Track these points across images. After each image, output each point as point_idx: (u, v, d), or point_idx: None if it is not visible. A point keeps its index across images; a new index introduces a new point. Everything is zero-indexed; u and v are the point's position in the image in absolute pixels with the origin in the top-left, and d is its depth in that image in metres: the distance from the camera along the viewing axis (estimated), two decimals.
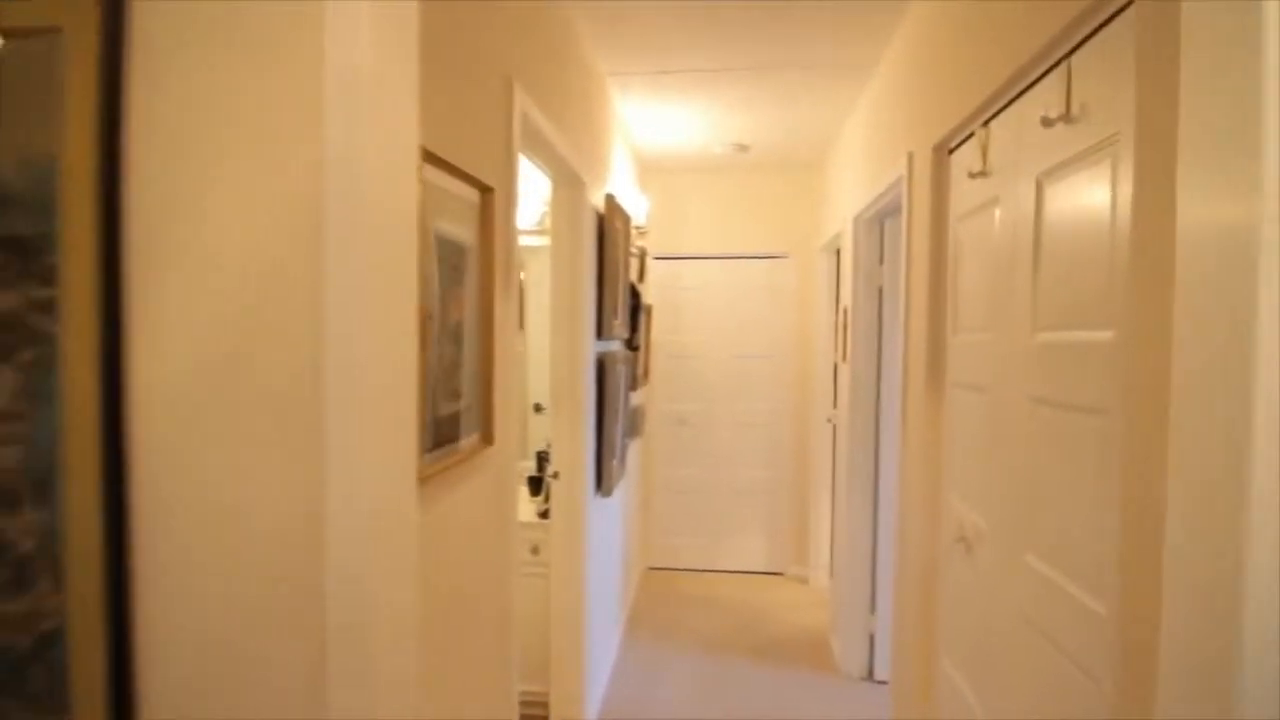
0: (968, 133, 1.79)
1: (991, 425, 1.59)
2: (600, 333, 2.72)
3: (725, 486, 4.54)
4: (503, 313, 1.56)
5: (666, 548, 4.59)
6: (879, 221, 3.03)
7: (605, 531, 3.01)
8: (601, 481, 2.73)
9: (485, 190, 1.40)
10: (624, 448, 3.23)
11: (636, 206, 3.30)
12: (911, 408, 2.17)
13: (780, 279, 4.44)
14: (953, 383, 1.88)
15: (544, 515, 2.68)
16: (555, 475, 2.43)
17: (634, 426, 3.86)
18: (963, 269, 1.83)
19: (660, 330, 4.49)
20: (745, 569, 4.53)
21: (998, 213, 1.59)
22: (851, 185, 3.25)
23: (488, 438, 1.42)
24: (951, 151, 1.94)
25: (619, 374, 2.96)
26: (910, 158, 2.21)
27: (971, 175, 1.70)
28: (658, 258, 4.48)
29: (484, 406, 1.41)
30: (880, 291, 3.06)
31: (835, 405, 4.23)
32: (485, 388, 1.41)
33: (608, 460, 2.72)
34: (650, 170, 4.35)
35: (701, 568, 4.56)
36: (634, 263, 3.80)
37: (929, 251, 2.01)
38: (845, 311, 3.27)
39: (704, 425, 4.54)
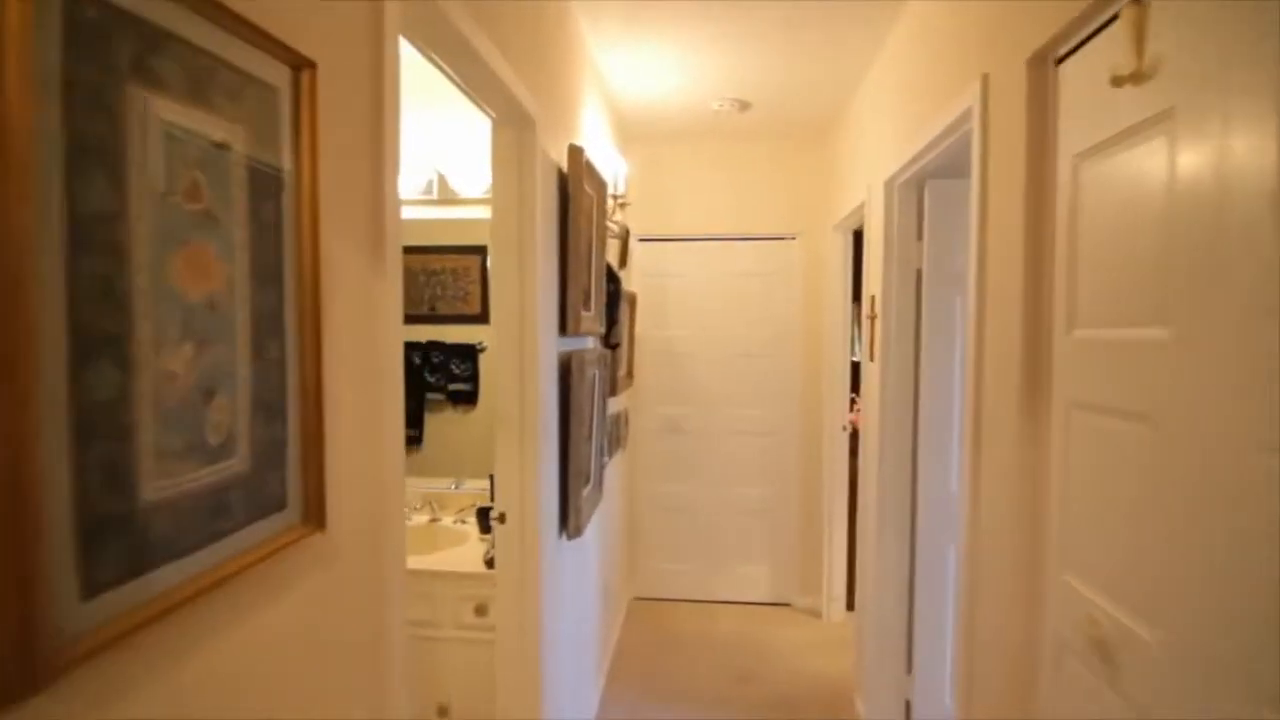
0: (1100, 20, 1.18)
1: (1164, 474, 0.98)
2: (564, 328, 2.10)
3: (723, 504, 3.93)
4: (358, 295, 0.93)
5: (656, 575, 3.98)
6: (916, 187, 2.41)
7: (576, 579, 2.39)
8: (567, 520, 2.11)
9: (301, 66, 0.77)
10: (600, 468, 2.61)
11: (614, 170, 2.68)
12: (989, 435, 1.55)
13: (786, 264, 3.82)
14: (1072, 402, 1.26)
15: (493, 564, 2.06)
16: (500, 519, 1.81)
17: (615, 439, 3.24)
18: (1091, 229, 1.21)
19: (647, 324, 3.87)
20: (747, 599, 3.93)
21: (1176, 137, 0.97)
22: (880, 143, 2.63)
23: (314, 517, 0.79)
24: (1061, 60, 1.32)
25: (591, 379, 2.34)
26: (985, 81, 1.58)
27: (1116, 81, 1.08)
28: (643, 239, 3.85)
29: (306, 462, 0.78)
30: (919, 275, 2.44)
31: (855, 410, 3.63)
32: (308, 429, 0.78)
33: (576, 491, 2.11)
34: (633, 136, 3.71)
35: (696, 598, 3.95)
36: (614, 245, 3.18)
37: (1022, 209, 1.39)
38: (872, 300, 2.65)
39: (698, 434, 3.92)
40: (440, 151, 2.58)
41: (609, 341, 2.77)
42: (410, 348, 2.66)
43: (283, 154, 0.75)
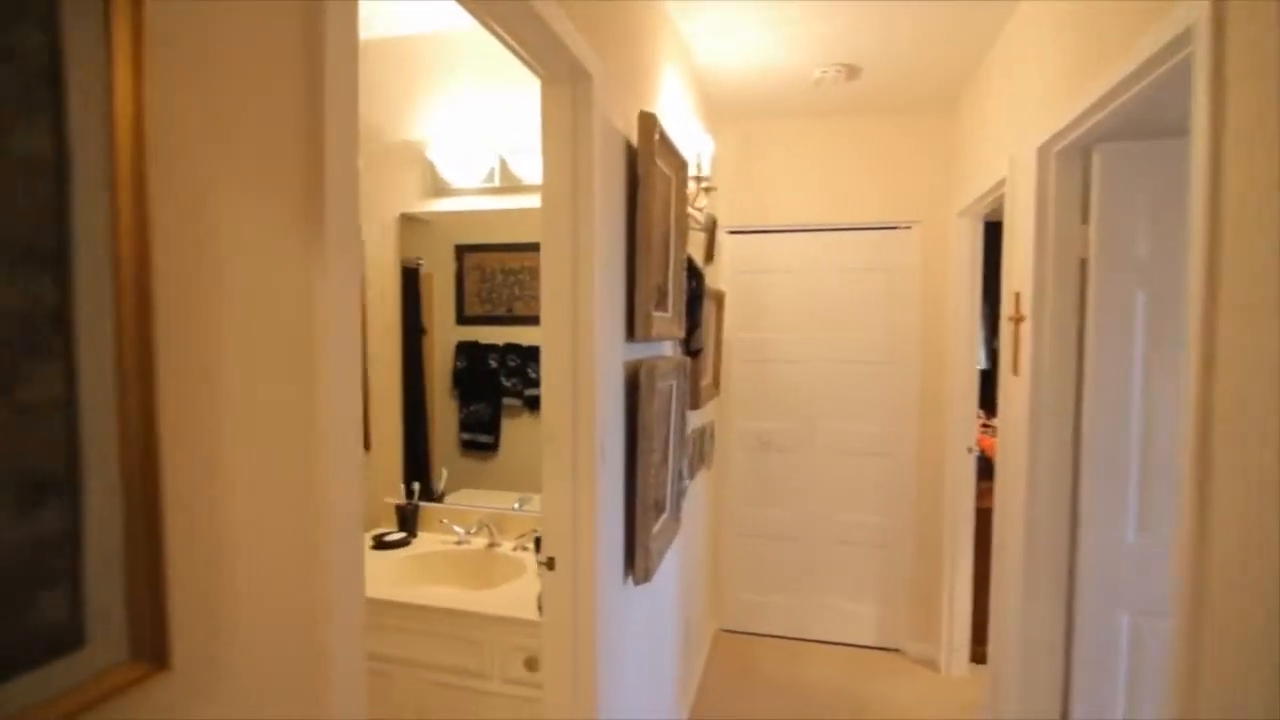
0: None
1: None
2: (632, 331, 1.76)
3: (822, 532, 3.46)
4: (276, 292, 0.63)
5: (744, 607, 3.57)
6: (1082, 154, 1.90)
7: (646, 625, 2.05)
8: (634, 563, 1.77)
9: None
10: (679, 494, 2.25)
11: (697, 148, 2.31)
12: (1228, 483, 1.07)
13: (900, 256, 3.31)
14: None
15: None
16: (549, 564, 1.49)
17: (698, 457, 2.87)
18: None
19: (736, 326, 3.47)
20: (848, 641, 3.44)
21: None
22: (1028, 103, 2.12)
23: (147, 650, 0.48)
24: None
25: (666, 392, 1.98)
26: None
27: None
28: (733, 231, 3.45)
29: (131, 564, 0.47)
30: (1083, 265, 1.92)
31: (984, 429, 3.09)
32: (133, 510, 0.47)
33: (645, 527, 1.76)
34: (721, 116, 3.33)
35: (789, 635, 3.51)
36: (698, 238, 2.81)
37: None
38: (1016, 298, 2.14)
39: (795, 451, 3.48)
40: (501, 136, 2.31)
41: (689, 347, 2.41)
42: (487, 350, 2.43)
43: (74, 37, 0.44)
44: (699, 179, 2.29)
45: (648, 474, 1.75)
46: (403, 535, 2.33)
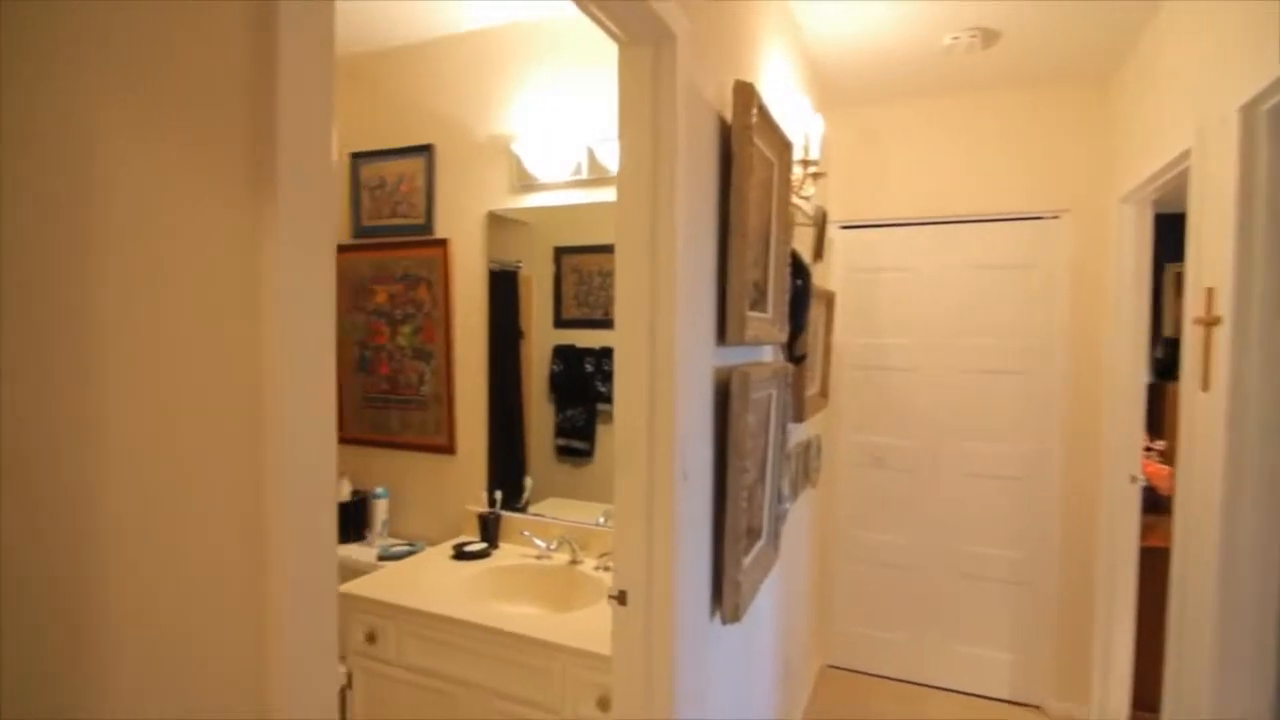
0: None
1: None
2: (723, 334, 1.54)
3: (945, 564, 3.06)
4: (193, 266, 0.47)
5: (852, 641, 3.23)
6: None
7: (736, 666, 1.81)
8: (721, 599, 1.54)
9: None
10: (778, 518, 1.99)
11: (804, 128, 2.05)
12: None
13: (1046, 251, 2.87)
14: None
15: None
16: (620, 598, 1.30)
17: (802, 474, 2.59)
18: None
19: (848, 330, 3.15)
20: (976, 691, 3.02)
21: None
22: (1221, 57, 1.70)
23: None
24: None
25: (764, 403, 1.75)
26: None
27: None
28: (845, 226, 3.14)
29: None
30: None
31: (1152, 450, 2.62)
32: None
33: (735, 559, 1.53)
34: (835, 98, 3.03)
35: (905, 677, 3.13)
36: (805, 233, 2.54)
37: None
38: (1208, 296, 1.73)
39: (914, 471, 3.10)
40: (588, 125, 2.17)
41: (793, 353, 2.15)
42: (583, 354, 2.31)
43: None
44: (806, 163, 2.03)
45: (739, 496, 1.52)
46: (483, 546, 2.23)
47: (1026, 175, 2.86)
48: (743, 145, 1.51)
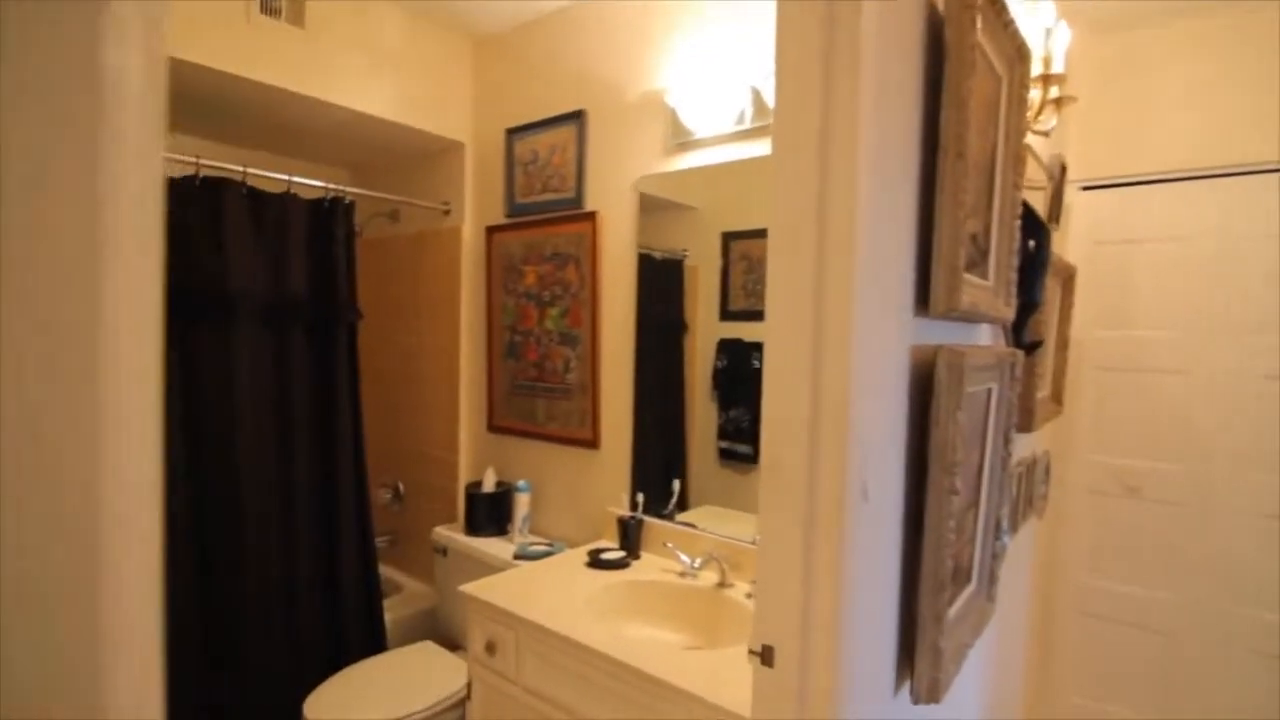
0: None
1: None
2: (926, 300, 1.11)
3: (1219, 630, 2.28)
4: None
5: (1075, 714, 2.53)
6: None
7: None
8: (914, 668, 1.11)
9: None
10: (994, 558, 1.50)
11: (1045, 35, 1.53)
12: None
13: None
14: None
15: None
16: (763, 657, 0.94)
17: (1025, 500, 2.02)
18: None
19: (1091, 320, 2.47)
20: None
21: None
22: None
23: None
24: None
25: (981, 400, 1.29)
26: None
27: None
28: (1088, 187, 2.47)
29: None
30: None
31: None
32: None
33: (934, 613, 1.09)
34: (1077, 22, 2.37)
35: None
36: (1034, 197, 1.98)
37: None
38: None
39: (1180, 505, 2.35)
40: (752, 61, 1.82)
41: (1022, 338, 1.63)
42: (751, 348, 1.98)
43: None
44: (1047, 80, 1.51)
45: (944, 525, 1.09)
46: (621, 555, 1.96)
47: None
48: (963, 33, 1.08)
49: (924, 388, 1.11)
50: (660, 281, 2.10)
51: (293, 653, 2.23)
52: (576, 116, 2.26)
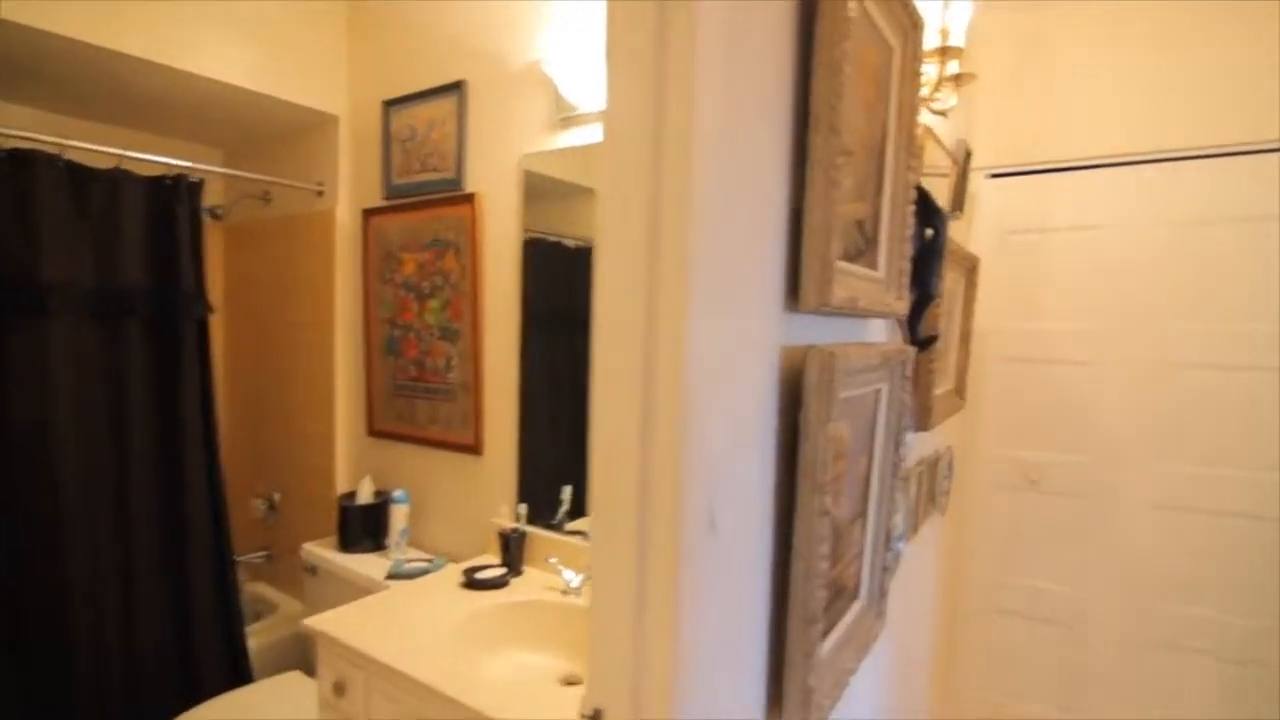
0: None
1: None
2: (796, 293, 0.97)
3: (1127, 625, 2.28)
4: None
5: (983, 712, 2.51)
6: None
7: None
8: (783, 713, 0.98)
9: None
10: (883, 570, 1.39)
11: (944, 8, 1.42)
12: None
13: None
14: None
15: None
16: None
17: (927, 498, 1.95)
18: None
19: (995, 310, 2.43)
20: None
21: None
22: None
23: None
24: None
25: (866, 403, 1.17)
26: None
27: None
28: (996, 174, 2.42)
29: None
30: None
31: None
32: None
33: (802, 652, 0.96)
34: (991, 11, 2.31)
35: None
36: (938, 184, 1.90)
37: None
38: None
39: (1083, 498, 2.34)
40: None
41: (917, 333, 1.52)
42: None
43: None
44: (945, 53, 1.40)
45: (812, 551, 0.96)
46: (500, 573, 1.78)
47: (1270, 86, 2.01)
48: (834, 5, 0.93)
49: (792, 395, 0.98)
50: (569, 272, 1.90)
51: (134, 689, 1.97)
52: (456, 88, 2.05)
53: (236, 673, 2.19)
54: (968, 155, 2.04)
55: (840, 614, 1.19)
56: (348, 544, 2.15)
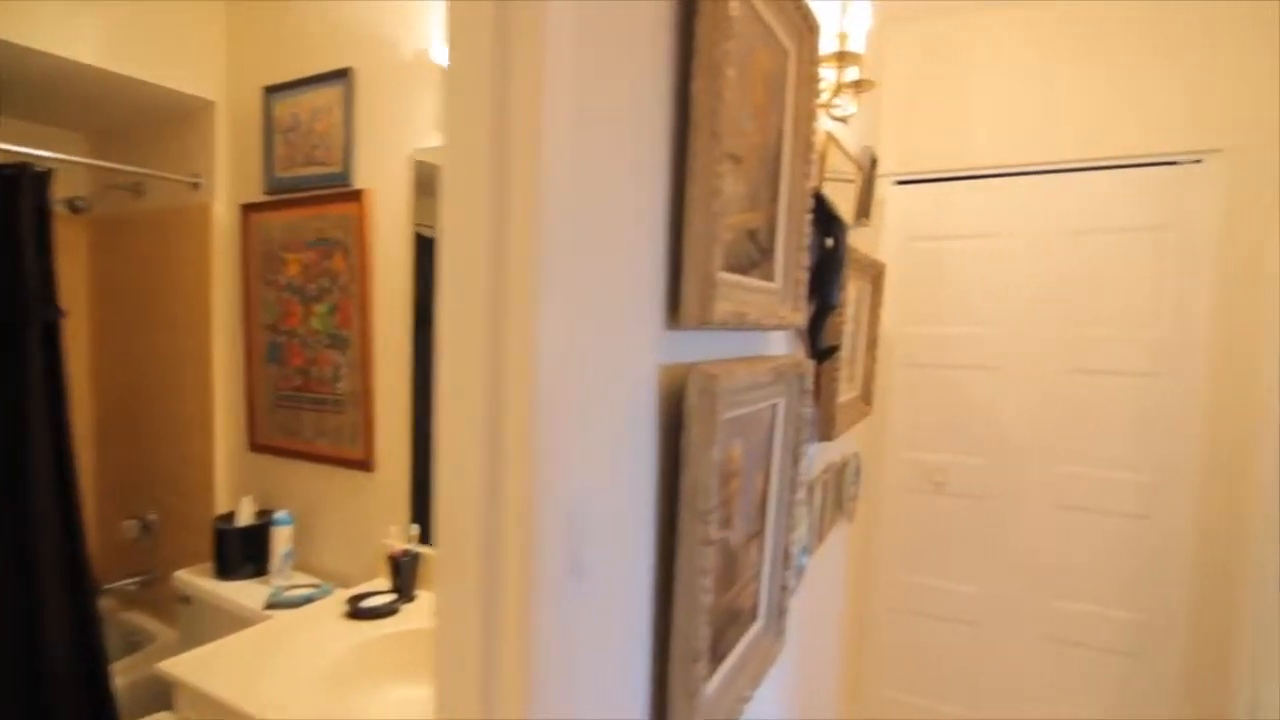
0: None
1: None
2: (677, 307, 0.90)
3: (1025, 622, 2.36)
4: None
5: (890, 711, 2.56)
6: None
7: None
8: None
9: None
10: (782, 589, 1.35)
11: (841, 13, 1.39)
12: None
13: (1182, 208, 2.12)
14: None
15: None
16: None
17: (834, 506, 1.94)
18: None
19: (902, 316, 2.46)
20: None
21: None
22: None
23: None
24: None
25: (761, 421, 1.13)
26: None
27: None
28: (903, 181, 2.45)
29: None
30: None
31: None
32: None
33: (684, 695, 0.90)
34: (889, 10, 2.33)
35: None
36: (845, 189, 1.90)
37: None
38: None
39: (985, 498, 2.40)
40: None
41: (817, 344, 1.50)
42: None
43: None
44: (842, 58, 1.37)
45: (695, 585, 0.90)
46: (390, 599, 1.66)
47: (1159, 106, 2.10)
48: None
49: (673, 418, 0.91)
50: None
51: None
52: (343, 76, 1.90)
53: (100, 713, 1.97)
54: (873, 162, 2.05)
55: (735, 640, 1.14)
56: (226, 570, 1.98)
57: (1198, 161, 2.06)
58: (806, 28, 1.23)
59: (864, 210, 2.06)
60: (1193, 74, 2.05)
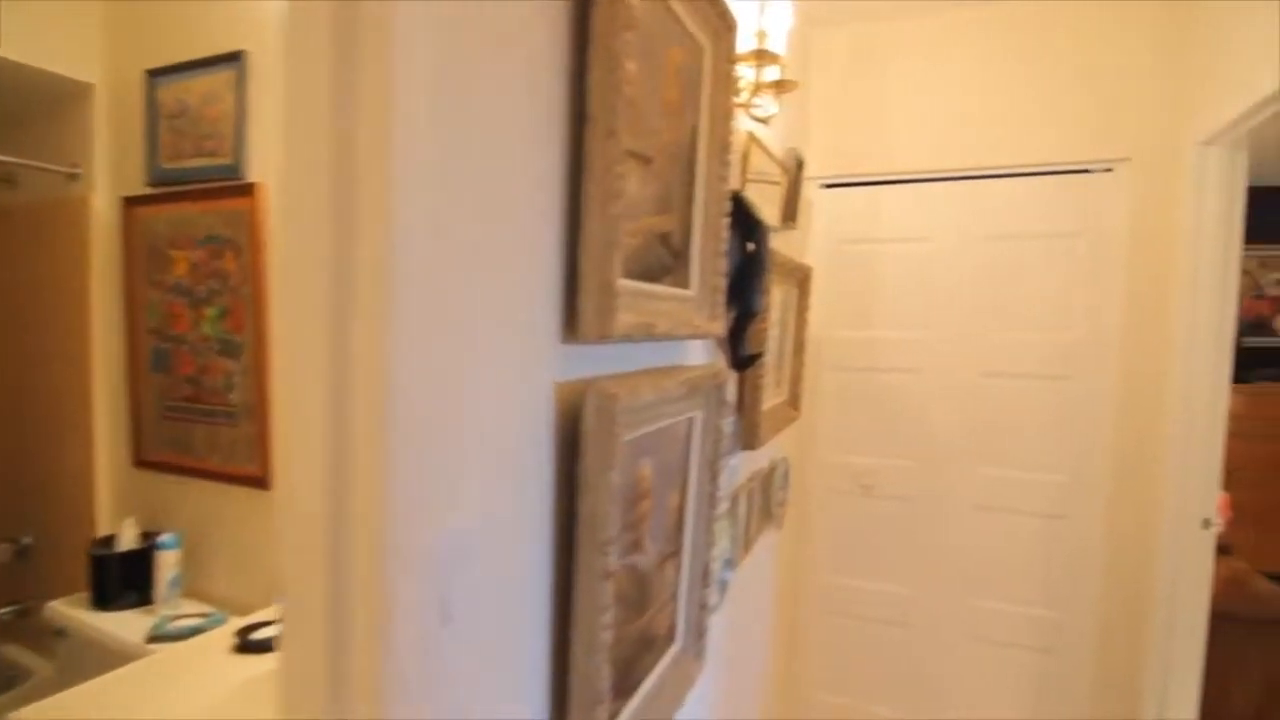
0: None
1: None
2: (574, 323, 0.83)
3: (950, 622, 2.39)
4: None
5: (821, 712, 2.56)
6: None
7: None
8: None
9: None
10: (701, 607, 1.30)
11: (760, 12, 1.35)
12: None
13: (1095, 214, 2.18)
14: None
15: None
16: None
17: (763, 514, 1.91)
18: None
19: (829, 320, 2.46)
20: None
21: None
22: None
23: None
24: None
25: (675, 438, 1.06)
26: None
27: None
28: (829, 184, 2.44)
29: None
30: None
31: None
32: None
33: None
34: (816, 13, 2.31)
35: None
36: (771, 191, 1.86)
37: None
38: None
39: (912, 501, 2.42)
40: None
41: (739, 352, 1.45)
42: None
43: None
44: (761, 57, 1.32)
45: (594, 623, 0.83)
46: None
47: (1071, 115, 2.15)
48: None
49: (569, 441, 0.84)
50: None
51: None
52: (235, 59, 1.75)
53: None
54: (799, 164, 2.02)
55: (650, 667, 1.08)
56: (105, 599, 1.80)
57: (1108, 170, 2.12)
58: (723, 25, 1.17)
59: (790, 213, 2.03)
60: (1103, 84, 2.11)
